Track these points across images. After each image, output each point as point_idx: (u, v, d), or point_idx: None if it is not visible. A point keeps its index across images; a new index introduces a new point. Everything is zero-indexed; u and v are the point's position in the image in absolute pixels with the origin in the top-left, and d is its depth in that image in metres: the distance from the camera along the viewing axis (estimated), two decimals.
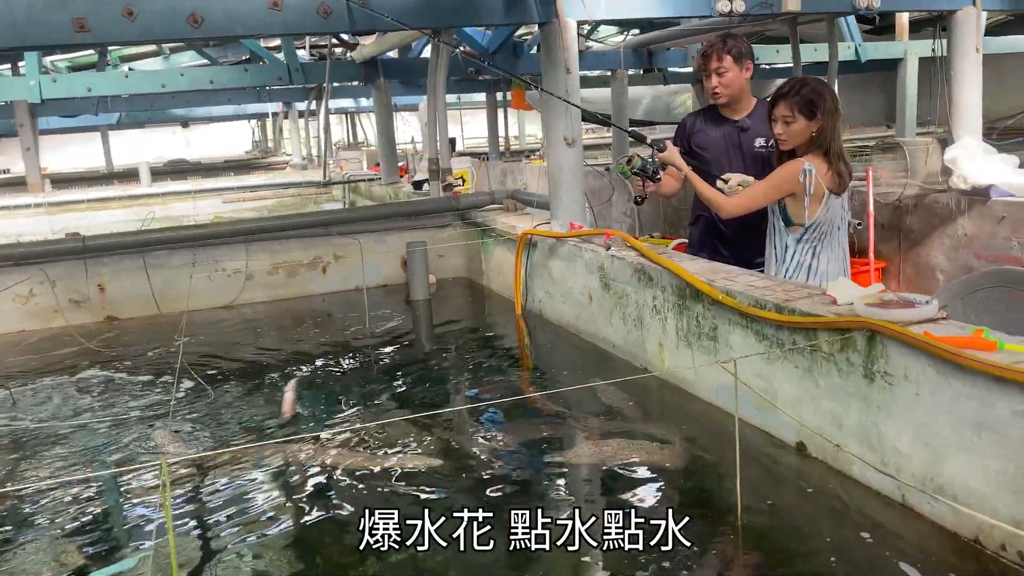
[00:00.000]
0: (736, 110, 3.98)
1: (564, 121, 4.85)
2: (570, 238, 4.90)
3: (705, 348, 3.65)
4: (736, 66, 3.85)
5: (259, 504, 3.06)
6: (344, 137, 25.26)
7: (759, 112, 3.96)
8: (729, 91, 3.89)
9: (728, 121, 3.97)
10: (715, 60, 3.84)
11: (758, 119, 3.94)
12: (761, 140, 3.91)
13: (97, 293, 6.21)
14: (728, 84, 3.87)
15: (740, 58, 3.85)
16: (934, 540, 2.48)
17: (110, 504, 3.19)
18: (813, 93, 3.23)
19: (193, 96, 14.72)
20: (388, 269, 6.94)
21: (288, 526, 2.89)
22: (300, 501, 3.07)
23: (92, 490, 3.30)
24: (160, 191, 15.16)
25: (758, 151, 3.90)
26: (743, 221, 4.00)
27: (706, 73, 3.90)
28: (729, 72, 3.84)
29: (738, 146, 3.84)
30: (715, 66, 3.84)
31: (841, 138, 3.31)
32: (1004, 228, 5.26)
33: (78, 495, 3.24)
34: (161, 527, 2.81)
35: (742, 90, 3.93)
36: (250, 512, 3.00)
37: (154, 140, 29.24)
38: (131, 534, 2.92)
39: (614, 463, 3.17)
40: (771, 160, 3.88)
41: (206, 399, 4.28)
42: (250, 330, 5.95)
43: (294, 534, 2.84)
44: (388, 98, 9.81)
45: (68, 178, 19.56)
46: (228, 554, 2.72)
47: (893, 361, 2.61)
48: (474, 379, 4.49)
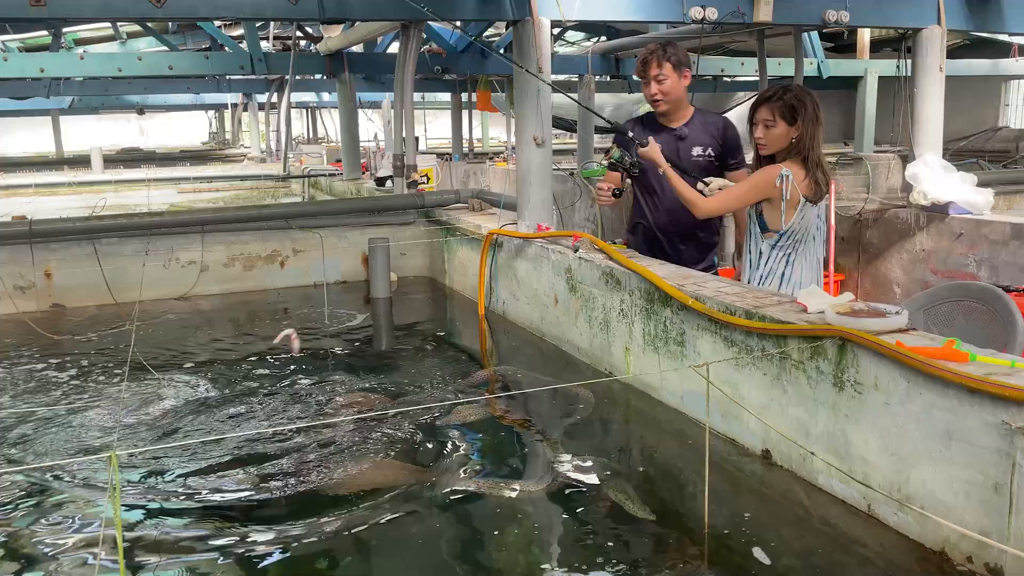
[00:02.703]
0: (674, 118, 3.98)
1: (534, 121, 4.80)
2: (537, 239, 4.85)
3: (672, 353, 3.63)
4: (675, 73, 3.85)
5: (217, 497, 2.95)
6: (304, 132, 24.92)
7: (697, 121, 3.99)
8: (669, 98, 3.89)
9: (666, 129, 3.97)
10: (655, 67, 3.84)
11: (696, 128, 3.96)
12: (699, 148, 3.93)
13: (43, 280, 5.99)
14: (668, 92, 3.87)
15: (679, 66, 3.86)
16: (899, 550, 2.47)
17: (57, 494, 3.04)
18: (795, 99, 3.22)
19: (150, 83, 14.35)
20: (348, 265, 6.82)
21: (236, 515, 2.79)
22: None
23: (40, 478, 3.16)
24: (113, 178, 14.78)
25: (695, 159, 3.91)
26: (681, 229, 4.02)
27: (645, 80, 3.90)
28: (668, 79, 3.85)
29: (675, 153, 3.84)
30: (655, 73, 3.85)
31: (820, 148, 3.31)
32: (961, 245, 5.37)
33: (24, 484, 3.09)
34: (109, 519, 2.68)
35: (681, 98, 3.94)
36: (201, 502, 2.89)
37: (108, 127, 28.56)
38: (79, 525, 2.79)
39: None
40: (708, 168, 3.91)
41: (156, 388, 4.14)
42: (204, 322, 5.79)
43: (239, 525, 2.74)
44: (352, 92, 9.67)
45: (16, 162, 18.97)
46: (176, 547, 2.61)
47: (863, 370, 2.60)
48: (437, 379, 4.40)
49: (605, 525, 2.74)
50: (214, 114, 27.86)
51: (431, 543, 2.66)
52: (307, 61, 10.02)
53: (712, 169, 3.92)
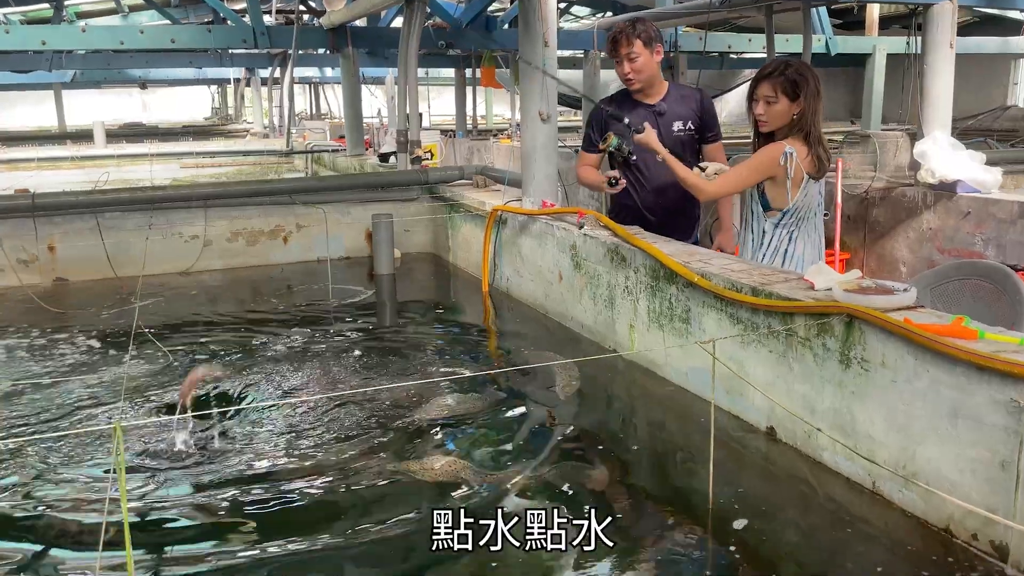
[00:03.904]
0: (650, 94, 3.93)
1: (540, 96, 4.76)
2: (542, 216, 4.82)
3: (677, 331, 3.62)
4: (647, 50, 3.79)
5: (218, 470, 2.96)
6: (307, 108, 24.81)
7: (673, 95, 3.93)
8: (641, 76, 3.84)
9: (642, 105, 3.91)
10: (625, 45, 3.78)
11: (673, 102, 3.91)
12: (679, 123, 3.89)
13: (47, 253, 5.98)
14: (640, 69, 3.82)
15: (650, 42, 3.80)
16: (903, 528, 2.46)
17: (62, 465, 3.05)
18: (797, 75, 3.18)
19: (152, 57, 14.28)
20: (352, 241, 6.80)
21: (236, 495, 2.79)
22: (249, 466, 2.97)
23: (45, 451, 3.16)
24: (115, 153, 14.73)
25: (677, 135, 3.87)
26: (668, 208, 3.99)
27: (617, 59, 3.84)
28: (640, 57, 3.79)
29: (656, 130, 3.81)
30: (625, 51, 3.79)
31: (821, 123, 3.27)
32: (968, 223, 5.33)
33: (30, 453, 3.10)
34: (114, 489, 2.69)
35: (654, 74, 3.88)
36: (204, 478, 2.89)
37: (110, 102, 28.44)
38: (84, 497, 2.80)
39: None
40: (690, 143, 3.87)
41: (163, 363, 4.14)
42: (207, 298, 5.78)
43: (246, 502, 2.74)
44: (356, 67, 9.60)
45: (18, 136, 18.92)
46: (182, 522, 2.62)
47: (870, 347, 2.59)
48: (440, 355, 4.39)
49: (607, 502, 2.73)
50: (217, 89, 27.74)
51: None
52: (310, 35, 9.94)
53: (693, 143, 3.90)
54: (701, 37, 10.32)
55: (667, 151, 3.52)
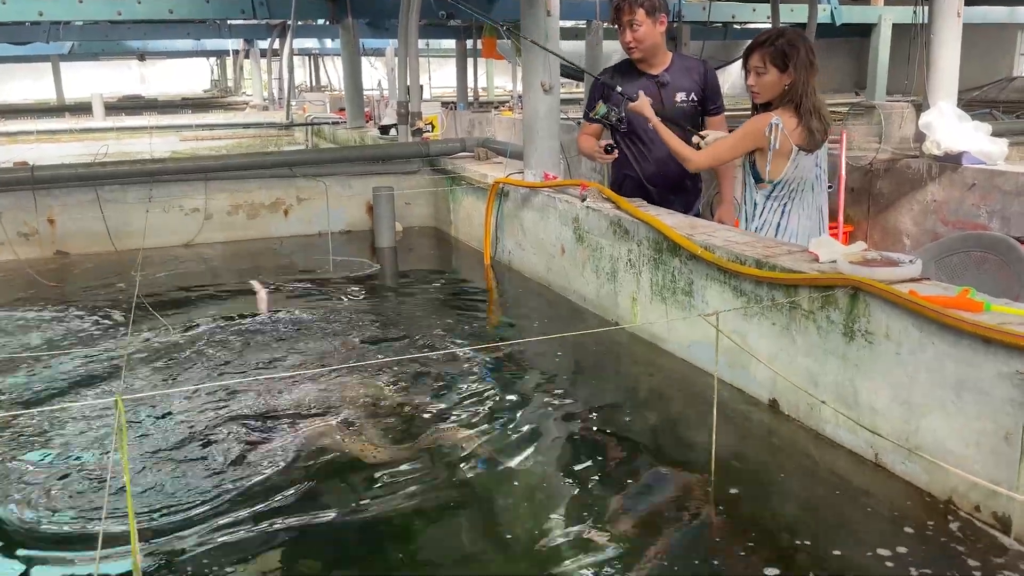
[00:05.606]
0: (653, 64, 3.88)
1: (542, 67, 4.71)
2: (544, 188, 4.79)
3: (680, 303, 3.60)
4: (649, 19, 3.74)
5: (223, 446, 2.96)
6: (307, 80, 24.64)
7: (677, 65, 3.88)
8: (643, 45, 3.79)
9: (645, 75, 3.87)
10: (627, 13, 3.73)
11: (677, 73, 3.86)
12: (682, 94, 3.85)
13: (47, 226, 5.96)
14: (642, 39, 3.77)
15: (653, 11, 3.75)
16: (906, 499, 2.47)
17: (64, 439, 3.06)
18: (787, 45, 3.11)
19: (150, 28, 14.16)
20: (353, 214, 6.78)
21: (240, 470, 2.79)
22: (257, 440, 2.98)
23: (46, 424, 3.17)
24: (115, 125, 14.66)
25: (680, 106, 3.83)
26: (669, 180, 3.97)
27: (619, 26, 3.79)
28: (642, 26, 3.74)
29: (659, 101, 3.76)
30: (627, 19, 3.74)
31: (816, 94, 3.21)
32: (973, 195, 5.29)
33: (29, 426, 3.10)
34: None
35: (657, 44, 3.83)
36: (207, 455, 2.90)
37: (108, 74, 28.26)
38: (85, 469, 2.81)
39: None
40: (693, 115, 3.83)
41: (165, 335, 4.14)
42: (208, 270, 5.77)
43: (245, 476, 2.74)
44: (356, 38, 9.51)
45: (16, 109, 18.81)
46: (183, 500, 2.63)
47: (875, 319, 2.58)
48: (442, 329, 4.38)
49: (610, 474, 2.74)
50: (215, 61, 27.57)
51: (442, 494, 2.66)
52: (309, 5, 9.84)
53: (696, 115, 3.86)
54: (705, 7, 10.22)
55: (659, 120, 3.48)
